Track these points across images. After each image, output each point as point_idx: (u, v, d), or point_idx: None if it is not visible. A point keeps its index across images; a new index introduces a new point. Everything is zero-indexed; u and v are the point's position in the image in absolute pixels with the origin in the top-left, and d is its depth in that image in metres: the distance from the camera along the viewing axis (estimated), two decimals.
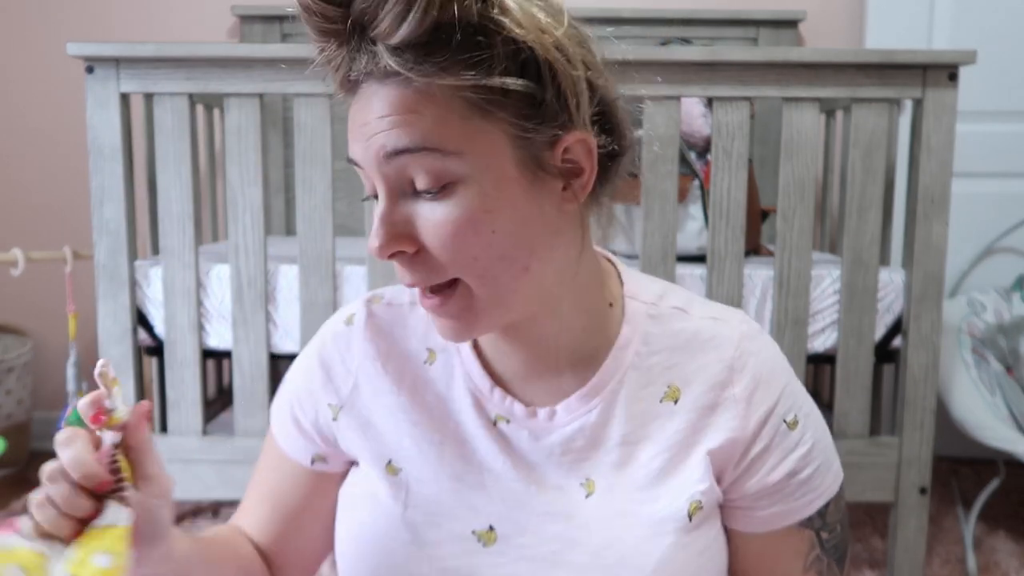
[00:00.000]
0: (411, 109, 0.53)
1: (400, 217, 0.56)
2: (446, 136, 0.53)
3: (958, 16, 2.21)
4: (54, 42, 2.40)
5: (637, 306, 0.66)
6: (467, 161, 0.54)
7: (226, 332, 1.54)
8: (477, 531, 0.63)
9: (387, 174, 0.55)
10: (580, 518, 0.62)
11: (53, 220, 2.43)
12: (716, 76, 1.48)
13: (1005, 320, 2.00)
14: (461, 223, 0.54)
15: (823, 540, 0.67)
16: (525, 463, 0.64)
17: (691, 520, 0.62)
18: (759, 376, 0.64)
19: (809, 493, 0.65)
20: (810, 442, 0.65)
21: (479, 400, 0.66)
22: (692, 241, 1.69)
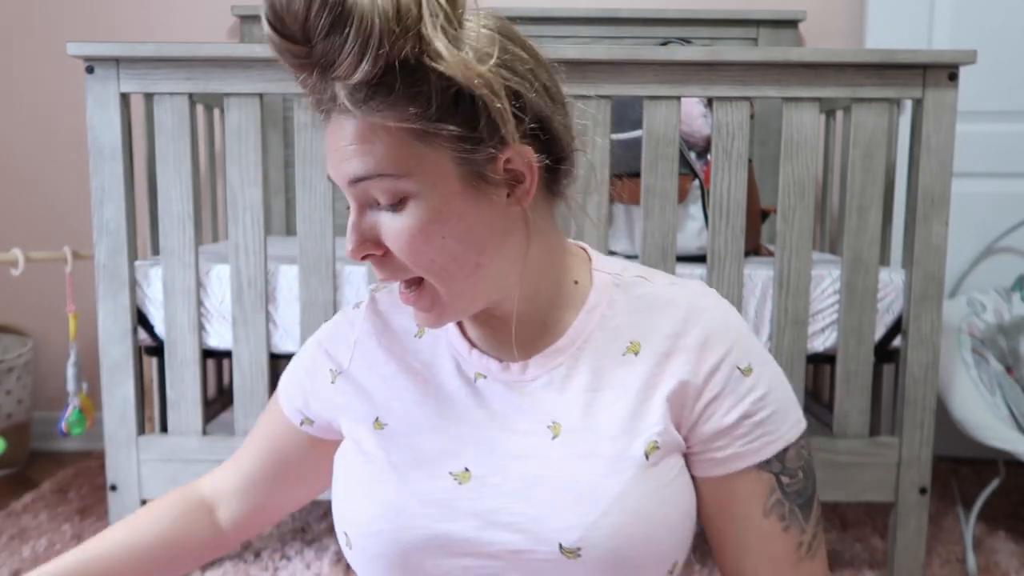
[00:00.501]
0: (366, 140, 0.63)
1: (367, 226, 0.66)
2: (396, 162, 0.63)
3: (958, 16, 2.22)
4: (54, 42, 2.40)
5: (603, 276, 0.76)
6: (416, 180, 0.63)
7: (226, 332, 1.54)
8: (454, 472, 0.71)
9: (354, 193, 0.65)
10: (546, 458, 0.69)
11: (53, 220, 2.43)
12: (716, 76, 1.48)
13: (1005, 320, 2.00)
14: (415, 232, 0.64)
15: (783, 484, 0.71)
16: (499, 413, 0.73)
17: (647, 459, 0.69)
18: (711, 328, 0.72)
19: (765, 436, 0.71)
20: (764, 388, 0.71)
21: (459, 361, 0.76)
22: (692, 241, 1.69)
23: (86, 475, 2.23)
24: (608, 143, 1.50)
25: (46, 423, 2.46)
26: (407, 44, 0.59)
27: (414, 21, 0.59)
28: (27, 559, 1.74)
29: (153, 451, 1.55)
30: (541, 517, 0.67)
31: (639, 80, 1.48)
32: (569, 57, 1.46)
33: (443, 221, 0.64)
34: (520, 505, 0.68)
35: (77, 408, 1.71)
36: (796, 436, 0.72)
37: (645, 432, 0.69)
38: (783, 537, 0.71)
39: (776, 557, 0.71)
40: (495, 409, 0.73)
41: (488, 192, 0.66)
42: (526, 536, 0.67)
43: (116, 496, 1.55)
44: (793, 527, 0.72)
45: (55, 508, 2.01)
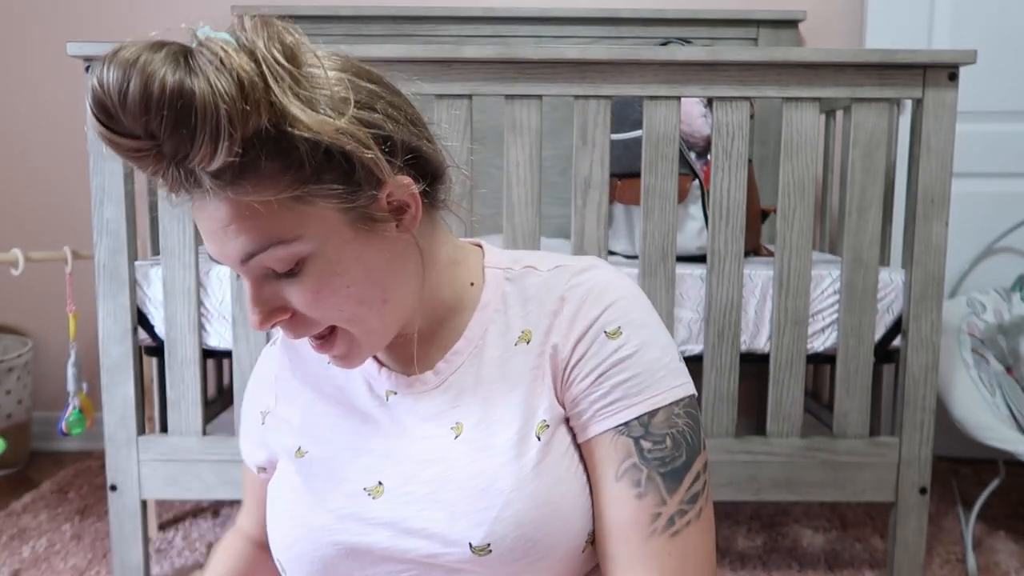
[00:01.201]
0: (243, 217, 0.60)
1: (268, 295, 0.65)
2: (282, 229, 0.61)
3: (958, 16, 2.22)
4: (54, 42, 2.40)
5: (495, 273, 0.76)
6: (307, 240, 0.62)
7: (226, 332, 1.54)
8: (368, 488, 0.72)
9: (247, 270, 0.64)
10: (451, 459, 0.70)
11: (53, 220, 2.43)
12: (716, 76, 1.48)
13: (1005, 320, 2.00)
14: (319, 289, 0.64)
15: (643, 449, 0.68)
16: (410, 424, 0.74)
17: (539, 439, 0.69)
18: (585, 297, 0.71)
19: (625, 399, 0.68)
20: (631, 350, 0.69)
21: (370, 383, 0.77)
22: (692, 241, 1.69)
23: (86, 475, 2.23)
24: (608, 143, 1.50)
25: (46, 423, 2.46)
26: (261, 117, 0.57)
27: (262, 93, 0.57)
28: (27, 559, 1.74)
29: (153, 451, 1.55)
30: (448, 519, 0.67)
31: (639, 80, 1.48)
32: (569, 57, 1.46)
33: (343, 271, 0.64)
34: (429, 511, 0.68)
35: (77, 408, 1.71)
36: (668, 401, 0.68)
37: (536, 414, 0.70)
38: (635, 504, 0.67)
39: (624, 525, 0.67)
40: (406, 421, 0.74)
41: (378, 230, 0.65)
42: (436, 541, 0.68)
43: (116, 496, 1.55)
44: (650, 495, 0.67)
45: (55, 508, 2.01)
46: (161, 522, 1.91)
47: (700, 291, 1.55)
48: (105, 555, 1.75)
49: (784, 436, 1.55)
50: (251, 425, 0.85)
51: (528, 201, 1.51)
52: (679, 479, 0.67)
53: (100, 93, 0.55)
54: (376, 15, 2.26)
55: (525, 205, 1.51)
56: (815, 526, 1.94)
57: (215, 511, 1.98)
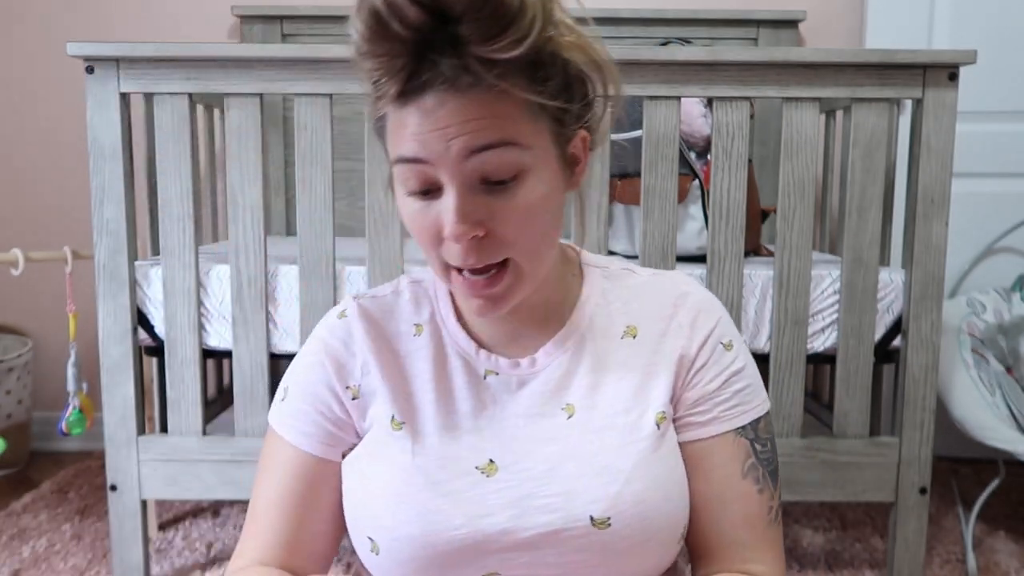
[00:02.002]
0: (490, 114, 0.63)
1: (473, 206, 0.65)
2: (521, 132, 0.64)
3: (958, 16, 2.22)
4: (54, 42, 2.40)
5: (594, 271, 0.82)
6: (533, 154, 0.66)
7: (226, 332, 1.54)
8: (480, 466, 0.72)
9: (464, 170, 0.64)
10: (566, 437, 0.73)
11: (53, 220, 2.43)
12: (716, 76, 1.48)
13: (1005, 320, 2.00)
14: (529, 207, 0.66)
15: (757, 451, 0.77)
16: (513, 404, 0.75)
17: (658, 428, 0.74)
18: (698, 307, 0.79)
19: (742, 404, 0.77)
20: (742, 363, 0.78)
21: (467, 361, 0.77)
22: (692, 241, 1.69)
23: (86, 475, 2.23)
24: (608, 143, 1.50)
25: (46, 423, 2.46)
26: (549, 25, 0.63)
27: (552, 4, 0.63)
28: (27, 559, 1.74)
29: (153, 451, 1.55)
30: (571, 493, 0.69)
31: (639, 80, 1.48)
32: None
33: (547, 197, 0.67)
34: (550, 486, 0.70)
35: (77, 408, 1.71)
36: (765, 410, 0.79)
37: (653, 404, 0.74)
38: (758, 499, 0.76)
39: (752, 517, 0.76)
40: (508, 403, 0.75)
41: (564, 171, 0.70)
42: (560, 515, 0.69)
43: (116, 496, 1.55)
44: (766, 490, 0.76)
45: (55, 508, 2.01)
46: (161, 522, 1.91)
47: None
48: (105, 555, 1.75)
49: (784, 436, 1.55)
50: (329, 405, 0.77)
51: None
52: (777, 476, 0.78)
53: None
54: None
55: None
56: (815, 526, 1.94)
57: (215, 511, 1.98)
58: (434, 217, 0.67)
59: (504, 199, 0.65)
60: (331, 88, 1.47)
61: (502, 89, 0.62)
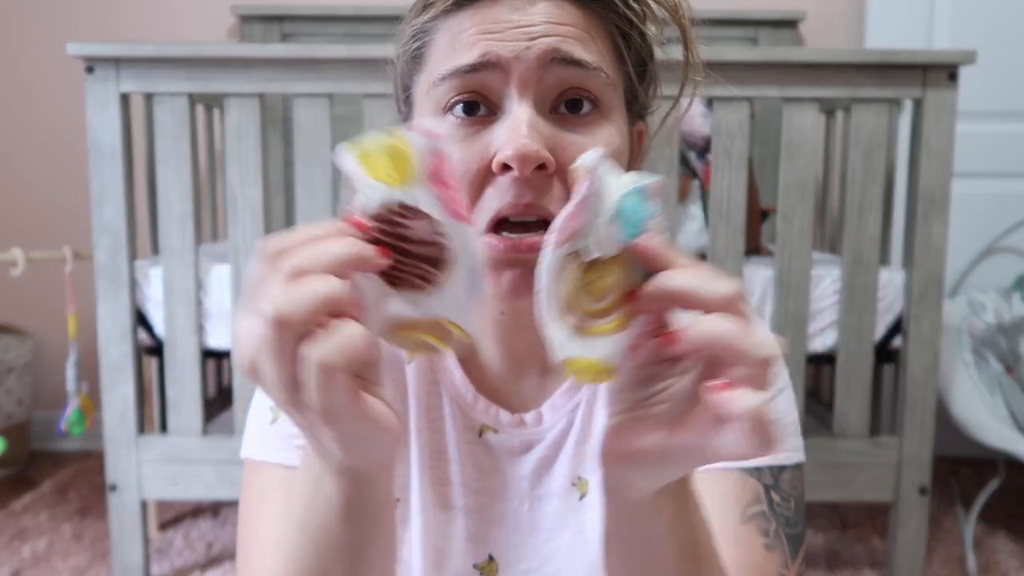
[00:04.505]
0: (587, 32, 0.54)
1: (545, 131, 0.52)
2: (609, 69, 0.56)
3: (958, 16, 2.21)
4: (54, 42, 2.39)
5: None
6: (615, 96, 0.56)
7: (226, 332, 1.54)
8: (478, 564, 0.61)
9: (541, 79, 0.53)
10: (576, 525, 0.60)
11: (53, 220, 2.43)
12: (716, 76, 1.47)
13: (1005, 320, 2.00)
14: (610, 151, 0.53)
15: (773, 501, 0.61)
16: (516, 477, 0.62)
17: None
18: None
19: None
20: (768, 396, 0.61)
21: (463, 410, 0.63)
22: (692, 241, 1.69)
23: (86, 475, 2.23)
24: None
25: (46, 423, 2.46)
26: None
27: None
28: (27, 559, 1.74)
29: (153, 451, 1.55)
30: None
31: None
32: None
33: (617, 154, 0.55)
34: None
35: (77, 408, 1.71)
36: (792, 463, 0.63)
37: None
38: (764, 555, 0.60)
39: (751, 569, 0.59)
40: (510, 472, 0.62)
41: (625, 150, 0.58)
42: None
43: (116, 496, 1.55)
44: (778, 552, 0.60)
45: (55, 508, 2.01)
46: (161, 522, 1.91)
47: None
48: (105, 555, 1.75)
49: None
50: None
51: None
52: (797, 550, 0.61)
53: None
54: (376, 15, 2.25)
55: None
56: (815, 526, 1.94)
57: (215, 511, 1.98)
58: (483, 146, 0.52)
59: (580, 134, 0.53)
60: (331, 88, 1.47)
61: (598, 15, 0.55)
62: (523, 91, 0.52)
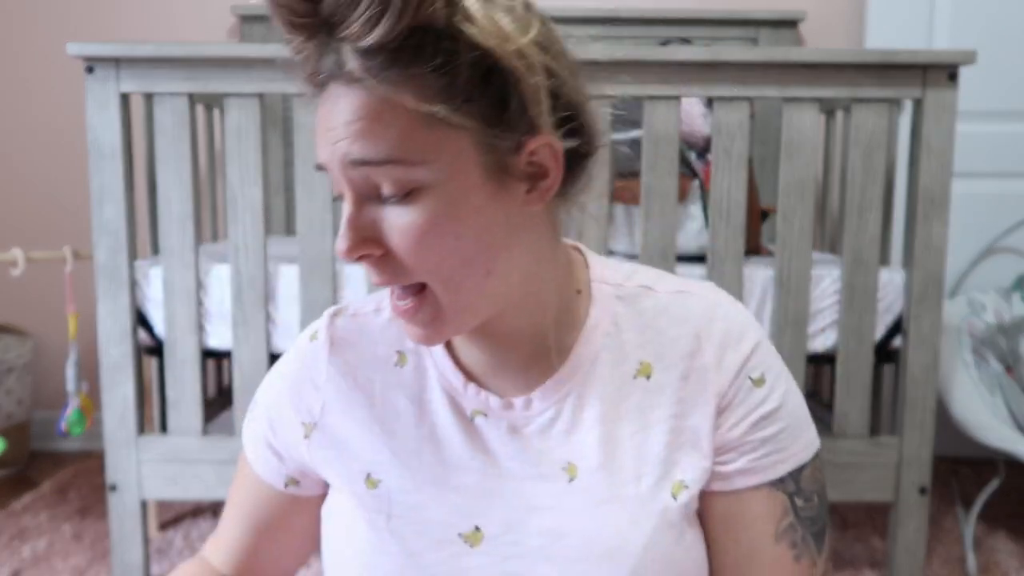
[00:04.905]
0: (376, 118, 0.53)
1: (366, 221, 0.56)
2: (411, 146, 0.54)
3: (958, 16, 2.21)
4: (54, 42, 2.40)
5: (605, 288, 0.67)
6: (432, 169, 0.54)
7: (226, 332, 1.54)
8: (463, 533, 0.63)
9: (352, 179, 0.56)
10: (564, 507, 0.62)
11: (53, 220, 2.43)
12: (716, 76, 1.48)
13: (1005, 320, 2.00)
14: (425, 229, 0.55)
15: (797, 507, 0.64)
16: (506, 457, 0.64)
17: (676, 500, 0.62)
18: (726, 340, 0.64)
19: (776, 452, 0.63)
20: (777, 402, 0.64)
21: (454, 398, 0.66)
22: (692, 241, 1.69)
23: (86, 475, 2.23)
24: (608, 143, 1.50)
25: (46, 423, 2.46)
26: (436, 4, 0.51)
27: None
28: (27, 559, 1.74)
29: (153, 451, 1.55)
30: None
31: (639, 80, 1.48)
32: None
33: (459, 218, 0.55)
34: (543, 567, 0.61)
35: (77, 408, 1.71)
36: (810, 456, 0.65)
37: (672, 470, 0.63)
38: (793, 568, 0.63)
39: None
40: (500, 453, 0.64)
41: (509, 187, 0.57)
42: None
43: (116, 496, 1.55)
44: (804, 558, 0.64)
45: (55, 508, 2.01)
46: (161, 522, 1.91)
47: None
48: (105, 555, 1.75)
49: None
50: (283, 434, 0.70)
51: None
52: (823, 538, 0.65)
53: None
54: None
55: None
56: None
57: (215, 511, 1.98)
58: None
59: (400, 216, 0.55)
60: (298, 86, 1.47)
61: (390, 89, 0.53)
62: (345, 188, 0.56)
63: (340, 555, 0.67)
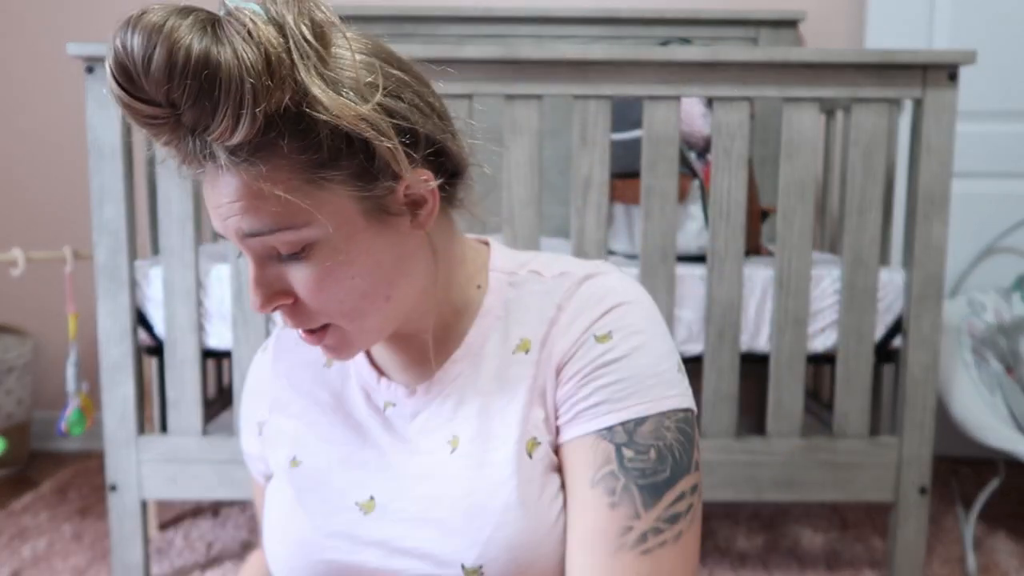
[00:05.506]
0: (255, 195, 0.58)
1: (271, 277, 0.63)
2: (292, 213, 0.59)
3: (958, 16, 2.22)
4: (54, 42, 2.40)
5: (499, 276, 0.73)
6: (317, 226, 0.60)
7: (226, 332, 1.54)
8: (359, 502, 0.70)
9: (250, 245, 0.61)
10: (445, 475, 0.68)
11: (53, 220, 2.43)
12: (716, 76, 1.48)
13: (1005, 320, 2.00)
14: (323, 277, 0.62)
15: (624, 457, 0.63)
16: (406, 437, 0.72)
17: (531, 457, 0.66)
18: (583, 306, 0.68)
19: (606, 403, 0.65)
20: (619, 354, 0.65)
21: (368, 392, 0.75)
22: (692, 241, 1.69)
23: (86, 475, 2.23)
24: (608, 143, 1.50)
25: (46, 423, 2.46)
26: (284, 95, 0.55)
27: (287, 70, 0.55)
28: (27, 559, 1.74)
29: (153, 451, 1.55)
30: (441, 539, 0.66)
31: (639, 80, 1.48)
32: (569, 57, 1.46)
33: (350, 261, 0.62)
34: (422, 530, 0.67)
35: (77, 408, 1.71)
36: (657, 411, 0.64)
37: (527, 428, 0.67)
38: (607, 514, 0.63)
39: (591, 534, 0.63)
40: (402, 434, 0.72)
41: (392, 223, 0.63)
42: (428, 561, 0.66)
43: (116, 496, 1.55)
44: (623, 507, 0.62)
45: (55, 508, 2.01)
46: (161, 522, 1.91)
47: (700, 291, 1.55)
48: (105, 555, 1.75)
49: (784, 436, 1.55)
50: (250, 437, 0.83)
51: (528, 201, 1.51)
52: (659, 494, 0.63)
53: (123, 57, 0.52)
54: (376, 15, 2.26)
55: (525, 205, 1.51)
56: (815, 526, 1.94)
57: (215, 511, 1.98)
58: None
59: (299, 270, 0.62)
60: None
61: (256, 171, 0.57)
62: (247, 253, 0.63)
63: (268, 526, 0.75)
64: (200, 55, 0.52)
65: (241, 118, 0.54)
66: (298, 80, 0.56)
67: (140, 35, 0.52)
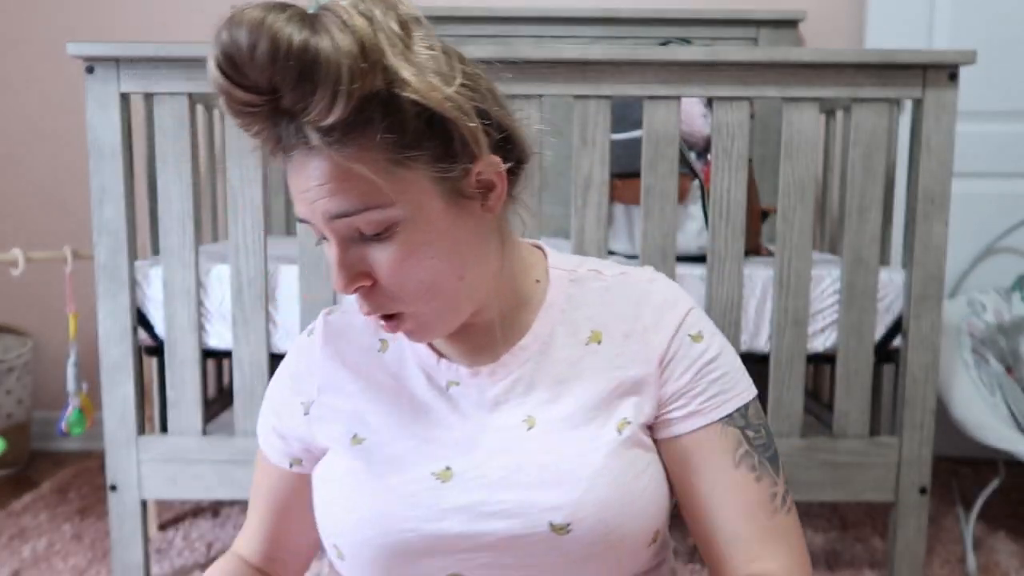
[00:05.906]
0: (343, 177, 0.63)
1: (355, 259, 0.67)
2: (378, 193, 0.64)
3: (958, 16, 2.22)
4: (54, 42, 2.40)
5: (560, 274, 0.79)
6: (401, 207, 0.64)
7: (226, 332, 1.54)
8: (435, 472, 0.72)
9: (335, 228, 0.65)
10: (524, 448, 0.72)
11: (53, 220, 2.43)
12: (716, 76, 1.48)
13: (1005, 320, 2.00)
14: (405, 256, 0.66)
15: (749, 438, 0.74)
16: (475, 414, 0.75)
17: (620, 433, 0.72)
18: (663, 305, 0.76)
19: (722, 393, 0.74)
20: (715, 352, 0.76)
21: (428, 373, 0.77)
22: (692, 241, 1.69)
23: (86, 475, 2.23)
24: (608, 143, 1.50)
25: (46, 423, 2.46)
26: (376, 78, 0.60)
27: (379, 55, 0.60)
28: (27, 559, 1.74)
29: (153, 451, 1.55)
30: (528, 500, 0.69)
31: (639, 80, 1.48)
32: (569, 57, 1.46)
33: (431, 242, 0.66)
34: (506, 493, 0.70)
35: (77, 408, 1.71)
36: (752, 396, 0.76)
37: (617, 412, 0.73)
38: (756, 487, 0.73)
39: (751, 507, 0.72)
40: (470, 411, 0.75)
41: (466, 205, 0.68)
42: (517, 521, 0.69)
43: (116, 496, 1.55)
44: (765, 477, 0.73)
45: (55, 508, 2.01)
46: (161, 522, 1.92)
47: (700, 291, 1.55)
48: (105, 555, 1.75)
49: (784, 436, 1.55)
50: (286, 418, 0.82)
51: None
52: (778, 462, 0.75)
53: (230, 47, 0.58)
54: None
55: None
56: (815, 526, 1.94)
57: (215, 511, 1.98)
58: None
59: (381, 251, 0.66)
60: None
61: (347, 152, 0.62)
62: (329, 236, 0.67)
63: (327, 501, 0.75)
64: (301, 42, 0.57)
65: (337, 98, 0.58)
66: (388, 65, 0.61)
67: (245, 28, 0.57)
